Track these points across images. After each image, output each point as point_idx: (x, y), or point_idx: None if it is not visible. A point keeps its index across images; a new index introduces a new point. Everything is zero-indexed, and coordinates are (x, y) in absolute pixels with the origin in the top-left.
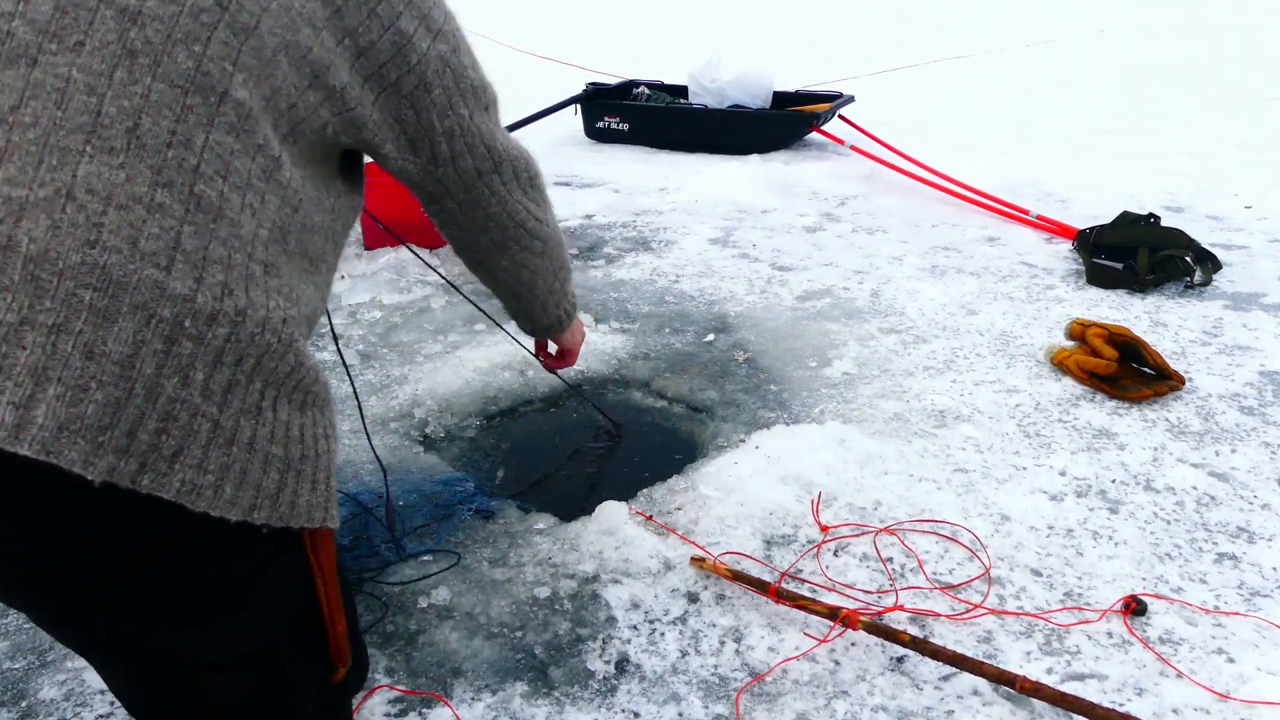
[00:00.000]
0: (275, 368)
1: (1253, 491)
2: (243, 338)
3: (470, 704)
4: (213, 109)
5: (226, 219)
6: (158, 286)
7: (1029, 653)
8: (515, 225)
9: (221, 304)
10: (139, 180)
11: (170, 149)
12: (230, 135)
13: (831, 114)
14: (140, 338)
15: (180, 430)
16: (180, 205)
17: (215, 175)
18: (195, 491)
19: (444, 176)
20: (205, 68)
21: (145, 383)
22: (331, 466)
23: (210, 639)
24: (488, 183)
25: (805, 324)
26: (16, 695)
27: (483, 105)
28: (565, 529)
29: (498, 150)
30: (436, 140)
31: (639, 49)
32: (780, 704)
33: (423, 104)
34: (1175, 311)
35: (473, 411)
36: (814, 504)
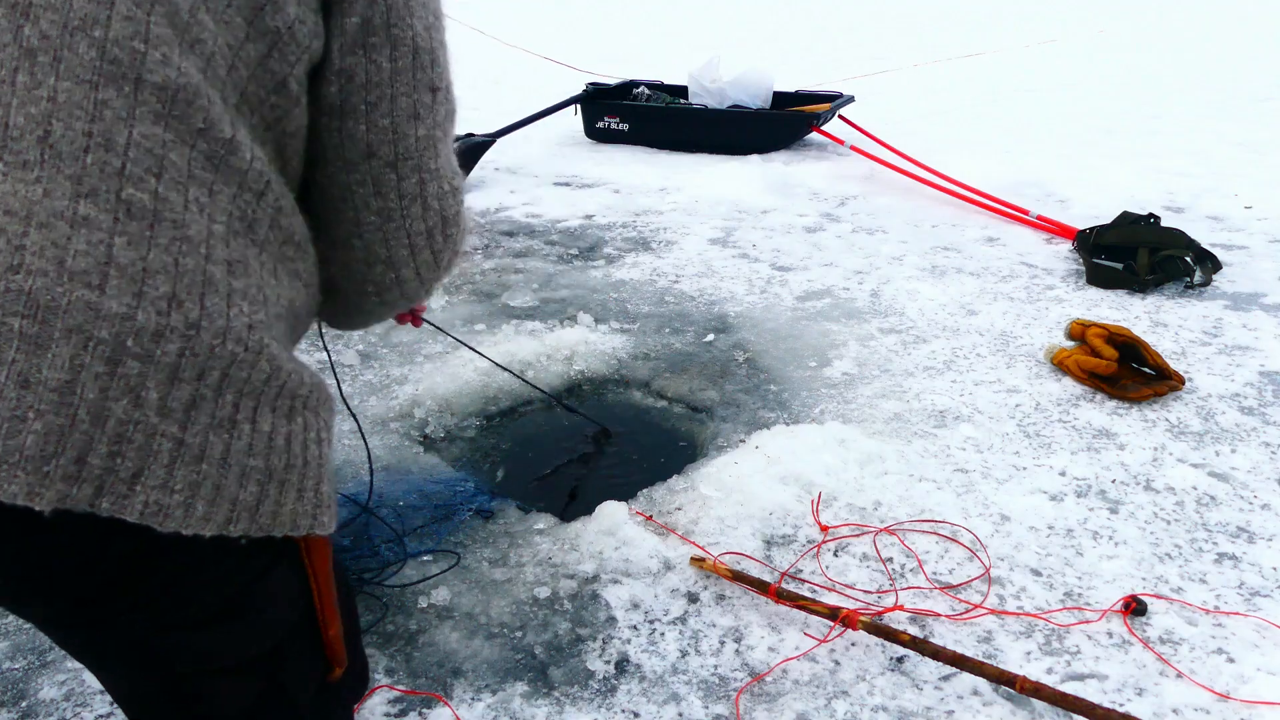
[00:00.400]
0: (248, 377)
1: (1253, 491)
2: (199, 351)
3: (470, 704)
4: (130, 99)
5: (167, 222)
6: (90, 308)
7: (1029, 653)
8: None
9: (168, 319)
10: (58, 194)
11: (88, 154)
12: (159, 125)
13: (831, 114)
14: (78, 362)
15: (137, 451)
16: (108, 215)
17: (146, 175)
18: (162, 512)
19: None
20: (111, 54)
21: (89, 407)
22: (324, 472)
23: (211, 646)
24: (377, 174)
25: (805, 324)
26: (16, 695)
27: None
28: (565, 529)
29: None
30: (329, 78)
31: (639, 49)
32: (780, 704)
33: (333, 25)
34: (1175, 311)
35: (473, 411)
36: (814, 504)
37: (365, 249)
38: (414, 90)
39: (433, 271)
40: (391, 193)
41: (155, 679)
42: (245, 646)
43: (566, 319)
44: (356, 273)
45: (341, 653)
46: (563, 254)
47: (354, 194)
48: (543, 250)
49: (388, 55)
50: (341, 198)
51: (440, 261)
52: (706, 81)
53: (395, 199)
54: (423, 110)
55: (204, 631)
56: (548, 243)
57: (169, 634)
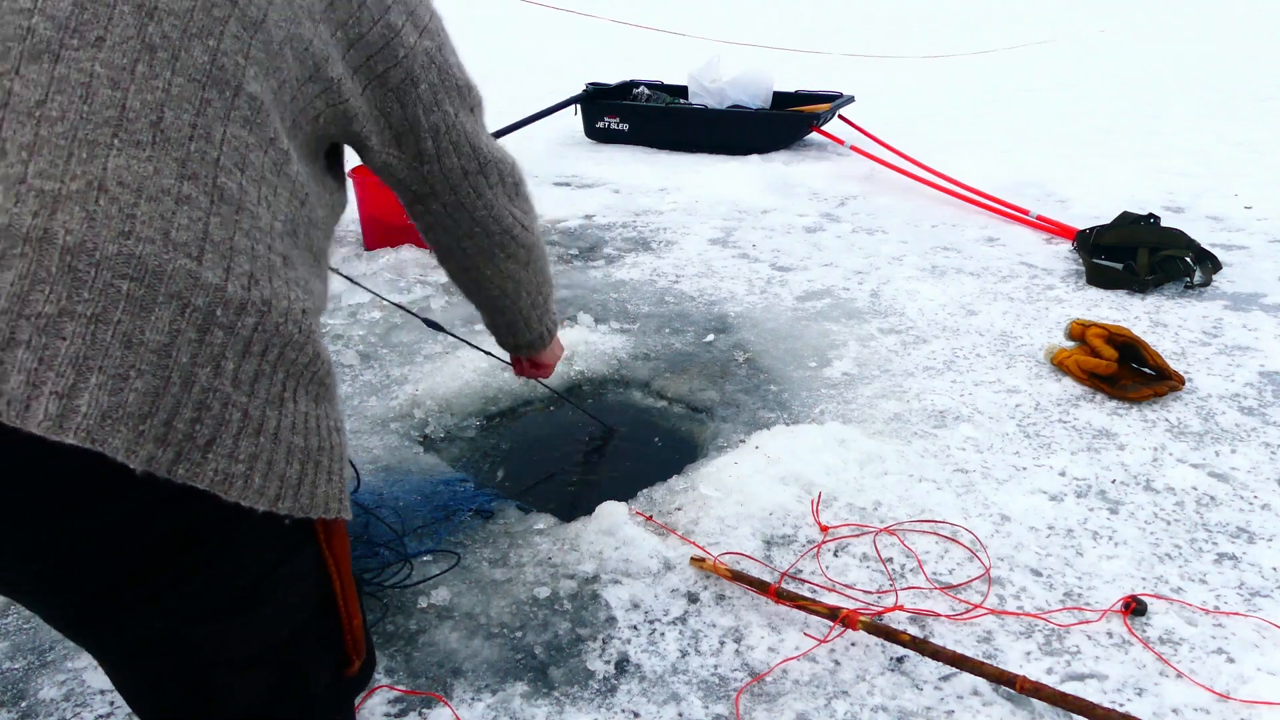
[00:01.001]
0: (296, 359)
1: (1253, 491)
2: (268, 328)
3: (470, 704)
4: (229, 102)
5: (247, 210)
6: (191, 276)
7: (1029, 653)
8: (501, 231)
9: (249, 294)
10: (166, 172)
11: (193, 141)
12: (245, 129)
13: (831, 114)
14: (176, 327)
15: (213, 419)
16: (206, 197)
17: (234, 167)
18: (228, 480)
19: (429, 174)
20: (220, 62)
21: (181, 371)
22: (343, 459)
23: (231, 634)
24: (474, 184)
25: (805, 324)
26: (16, 695)
27: (468, 105)
28: (565, 529)
29: (483, 151)
30: (422, 136)
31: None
32: (780, 704)
33: (409, 98)
34: (1175, 312)
35: (473, 411)
36: (814, 504)
37: (484, 232)
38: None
39: (526, 218)
40: (486, 190)
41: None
42: (263, 636)
43: (566, 319)
44: (485, 247)
45: (364, 644)
46: (563, 254)
47: (463, 204)
48: None
49: (450, 102)
50: (458, 208)
51: (527, 209)
52: (706, 81)
53: (489, 192)
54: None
55: (223, 620)
56: (548, 243)
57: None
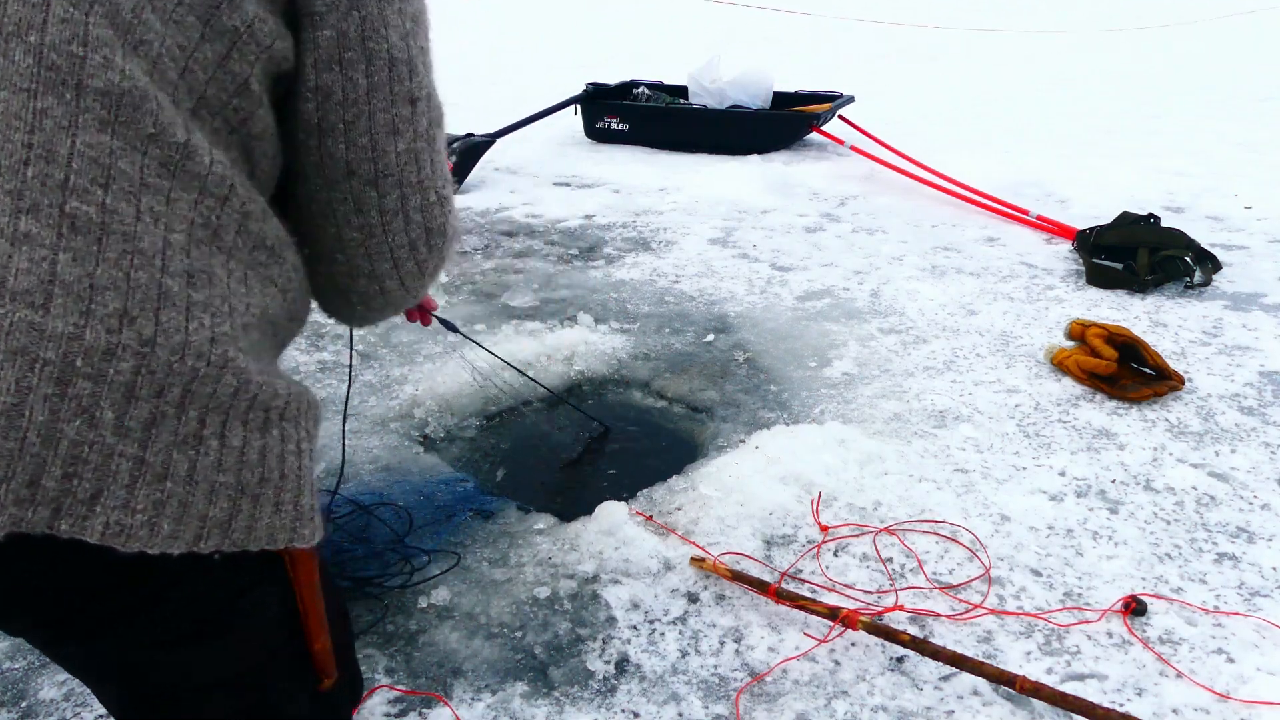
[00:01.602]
0: (213, 392)
1: (1253, 491)
2: (156, 368)
3: (470, 704)
4: (71, 106)
5: (116, 235)
6: (34, 328)
7: (1029, 653)
8: (371, 276)
9: (119, 336)
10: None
11: (29, 166)
12: (104, 133)
13: (831, 114)
14: (24, 384)
15: (94, 472)
16: (50, 231)
17: (91, 186)
18: (125, 532)
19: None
20: (48, 59)
21: (39, 429)
22: (304, 484)
23: (193, 663)
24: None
25: (805, 324)
26: (16, 695)
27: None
28: (565, 529)
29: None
30: (305, 94)
31: (639, 49)
32: (780, 704)
33: (305, 39)
34: (1175, 312)
35: (473, 411)
36: (814, 504)
37: (348, 262)
38: (392, 105)
39: (417, 281)
40: (373, 209)
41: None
42: (228, 664)
43: (566, 319)
44: (341, 284)
45: (330, 665)
46: (563, 254)
47: (335, 211)
48: (543, 250)
49: (363, 71)
50: (323, 214)
51: (425, 270)
52: (706, 81)
53: (376, 215)
54: (402, 124)
55: (185, 649)
56: (548, 243)
57: (150, 651)
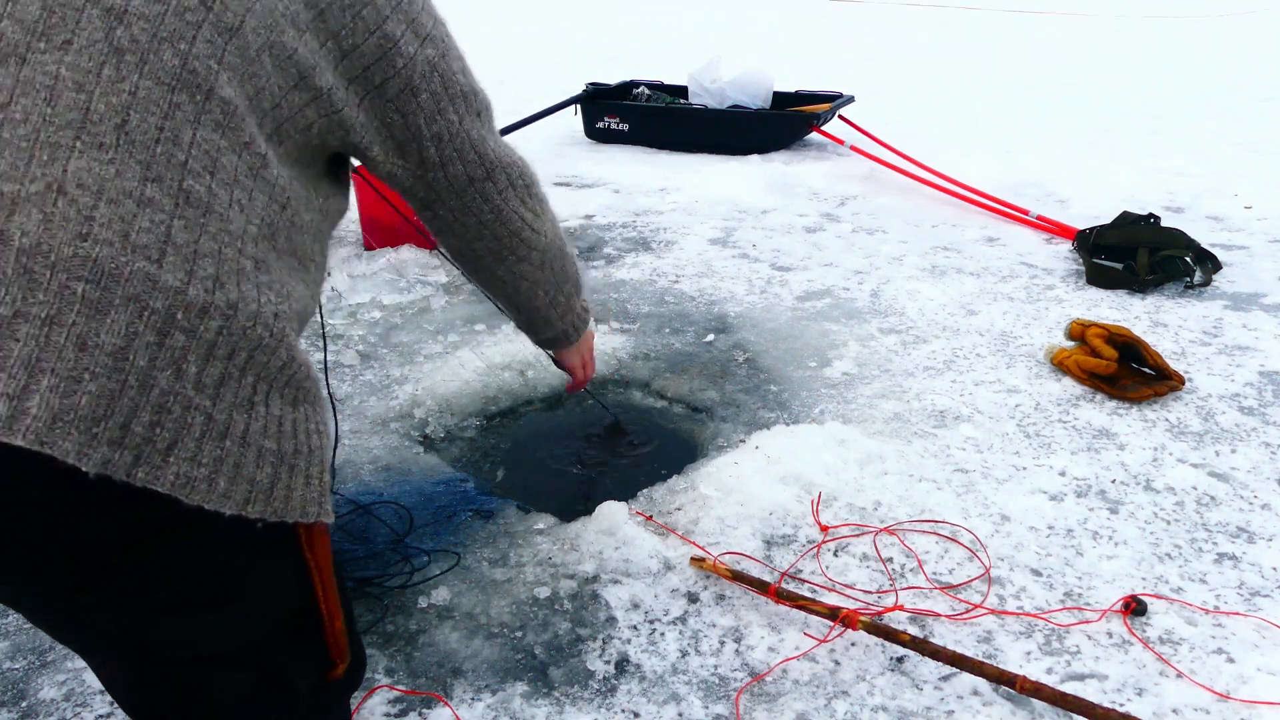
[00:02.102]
0: (267, 362)
1: (1253, 491)
2: (235, 331)
3: (470, 704)
4: (199, 106)
5: (215, 214)
6: (149, 279)
7: (1029, 653)
8: (510, 234)
9: (213, 297)
10: (129, 175)
11: (159, 145)
12: (216, 132)
13: (831, 114)
14: (133, 330)
15: (174, 423)
16: (170, 200)
17: (203, 171)
18: (190, 485)
19: (434, 182)
20: (191, 65)
21: (139, 375)
22: (324, 462)
23: (206, 630)
24: (480, 190)
25: (805, 324)
26: (16, 695)
27: (474, 111)
28: (565, 529)
29: (489, 157)
30: (425, 145)
31: (639, 49)
32: (780, 704)
33: (409, 108)
34: (1175, 311)
35: (473, 411)
36: (814, 504)
37: (493, 235)
38: (475, 121)
39: (538, 219)
40: (494, 194)
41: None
42: (235, 633)
43: None
44: (495, 249)
45: (345, 646)
46: None
47: (470, 209)
48: None
49: (454, 109)
50: (464, 212)
51: (538, 210)
52: (706, 81)
53: (497, 197)
54: (483, 130)
55: (194, 616)
56: None
57: (160, 618)
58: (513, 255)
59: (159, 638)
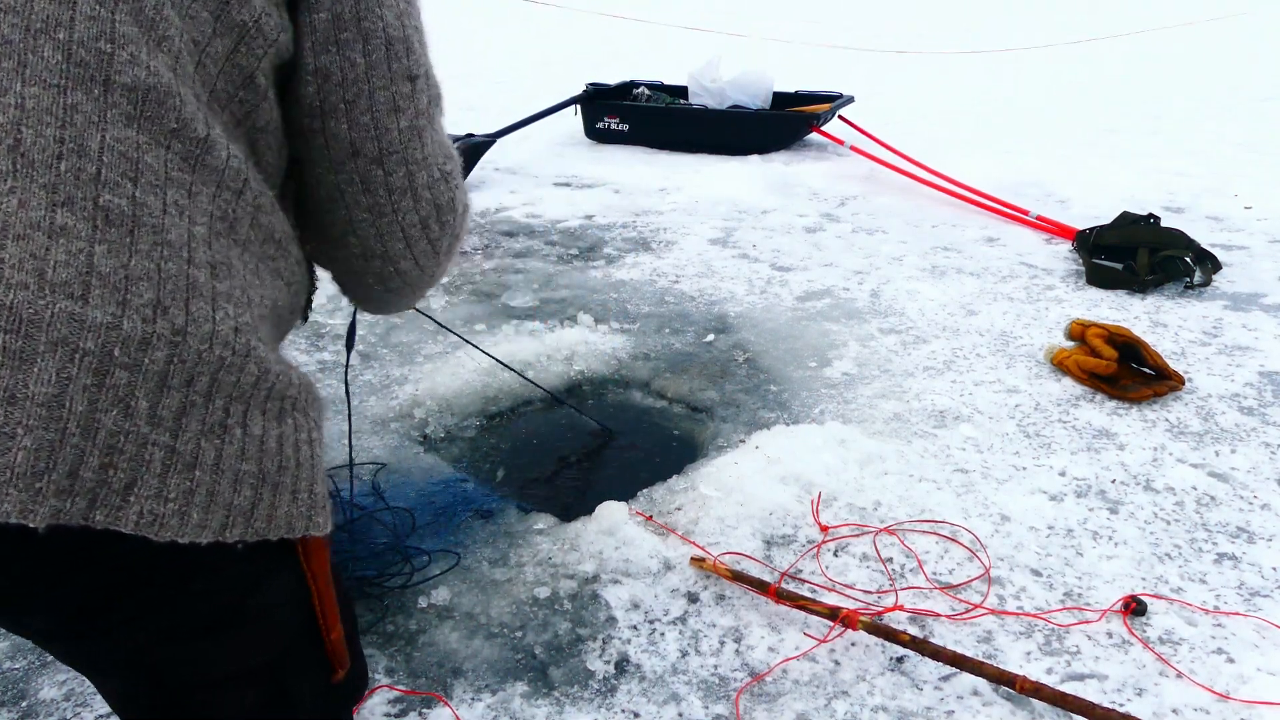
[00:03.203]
0: (236, 381)
1: (1253, 491)
2: (187, 358)
3: (470, 704)
4: (100, 102)
5: (146, 227)
6: (74, 319)
7: (1029, 653)
8: (384, 256)
9: (154, 326)
10: (33, 204)
11: (62, 160)
12: (131, 128)
13: (831, 114)
14: (65, 375)
15: (129, 462)
16: (86, 223)
17: (122, 179)
18: (157, 521)
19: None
20: (77, 56)
21: (79, 420)
22: (316, 473)
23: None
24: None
25: (805, 324)
26: (16, 695)
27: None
28: (565, 529)
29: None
30: (304, 78)
31: (639, 49)
32: (780, 704)
33: (301, 22)
34: (1175, 312)
35: (473, 411)
36: (814, 504)
37: (361, 245)
38: (391, 83)
39: (432, 260)
40: (380, 188)
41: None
42: (246, 655)
43: (566, 319)
44: (356, 267)
45: (344, 655)
46: (563, 254)
47: (343, 193)
48: (543, 250)
49: (360, 50)
50: (331, 197)
51: (439, 249)
52: (706, 81)
53: (384, 194)
54: (403, 101)
55: (204, 641)
56: (548, 243)
57: (169, 644)
58: (380, 285)
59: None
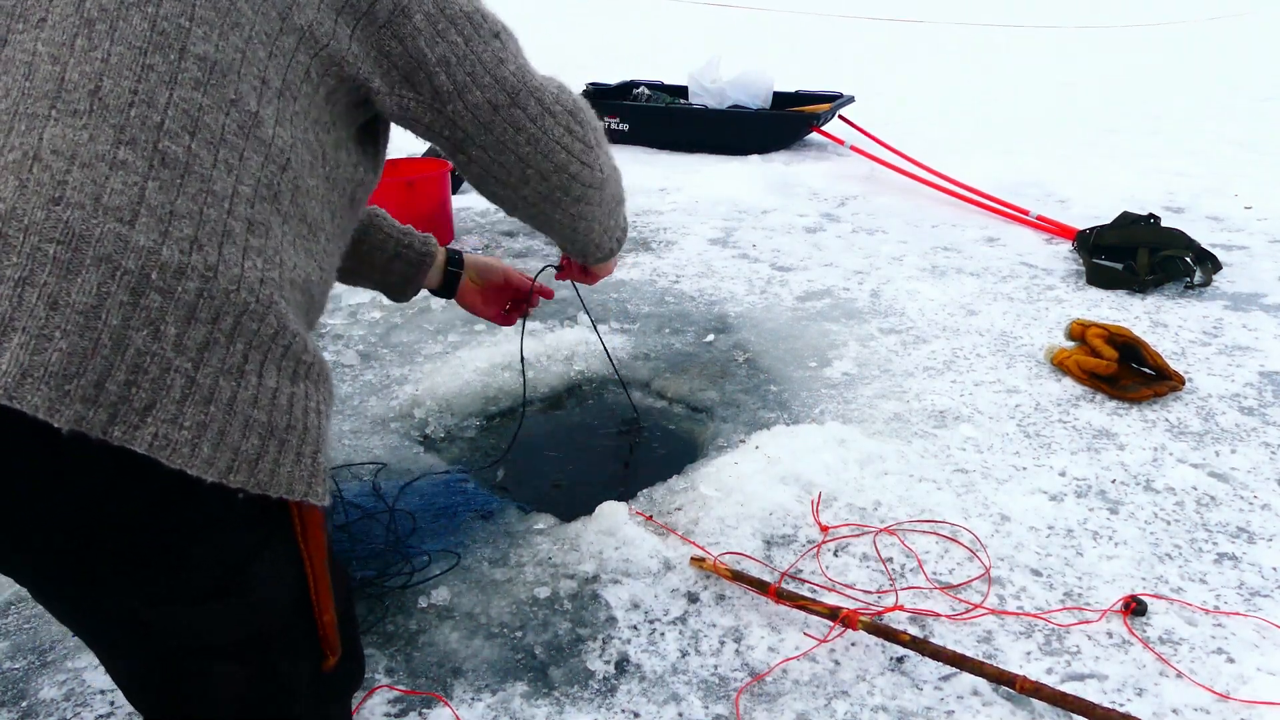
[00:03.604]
0: (257, 330)
1: (1253, 491)
2: (215, 294)
3: (470, 704)
4: (174, 66)
5: (195, 174)
6: (120, 239)
7: (1029, 653)
8: (557, 170)
9: (189, 258)
10: (102, 139)
11: (133, 108)
12: (197, 91)
13: (831, 114)
14: (105, 289)
15: (151, 383)
16: (144, 162)
17: (181, 131)
18: (169, 446)
19: (456, 115)
20: (160, 27)
21: (112, 333)
22: (321, 442)
23: (203, 622)
24: (509, 117)
25: (805, 324)
26: (16, 695)
27: (485, 33)
28: (565, 529)
29: (510, 80)
30: (433, 71)
31: (639, 49)
32: (780, 704)
33: (405, 32)
34: (1175, 312)
35: (473, 411)
36: (814, 504)
37: (538, 171)
38: (488, 44)
39: (590, 153)
40: (526, 122)
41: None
42: (237, 625)
43: (566, 319)
44: (547, 191)
45: (335, 640)
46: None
47: (503, 144)
48: (543, 250)
49: (457, 31)
50: (499, 149)
51: (590, 141)
52: (706, 82)
53: (531, 124)
54: (502, 53)
55: (196, 607)
56: (548, 243)
57: (161, 607)
58: (567, 197)
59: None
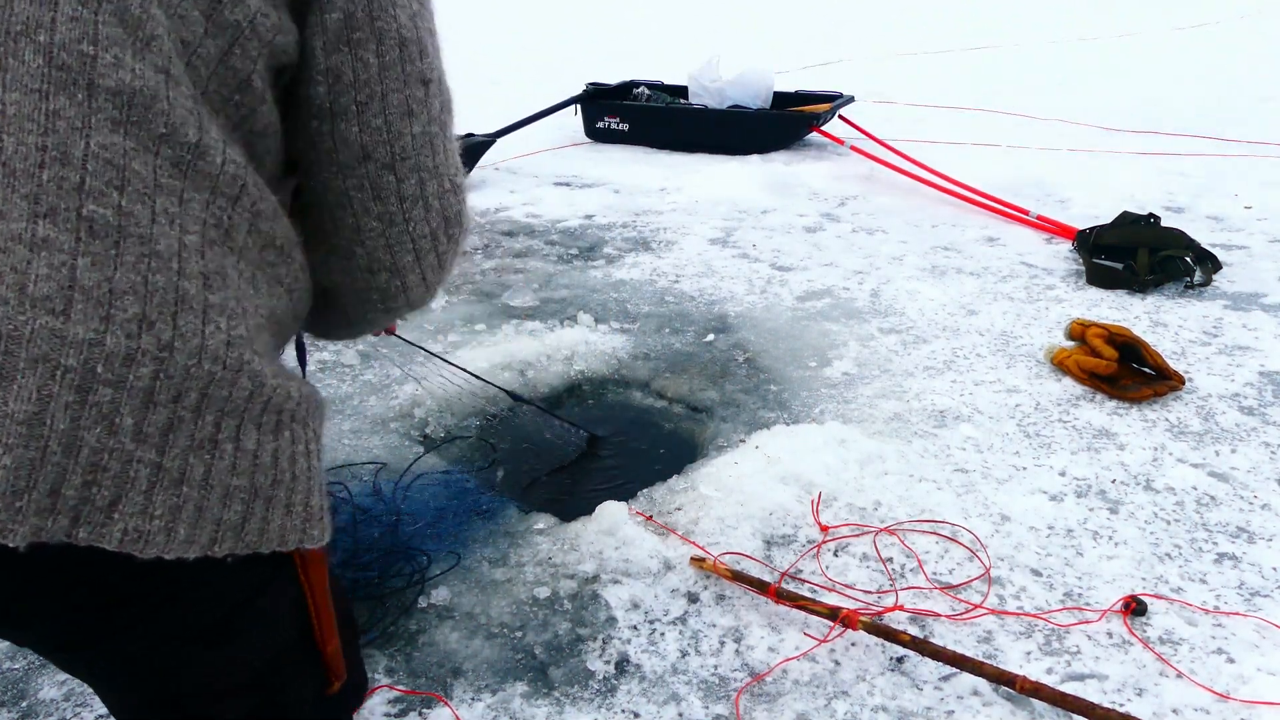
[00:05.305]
0: (228, 395)
1: (1253, 491)
2: (174, 373)
3: (470, 704)
4: (84, 107)
5: (132, 238)
6: (55, 335)
7: (1029, 653)
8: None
9: (137, 342)
10: (14, 215)
11: (44, 169)
12: (117, 133)
13: (831, 114)
14: (45, 392)
15: (113, 479)
16: (69, 235)
17: (107, 188)
18: (142, 539)
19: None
20: (59, 59)
21: (60, 438)
22: (313, 484)
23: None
24: (376, 179)
25: (805, 324)
26: (16, 695)
27: (415, 74)
28: (565, 529)
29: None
30: (314, 77)
31: (639, 49)
32: (780, 704)
33: (313, 19)
34: (1175, 311)
35: (473, 411)
36: (814, 504)
37: (368, 256)
38: (405, 85)
39: (438, 274)
40: (391, 196)
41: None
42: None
43: (566, 319)
44: (360, 280)
45: (340, 667)
46: (563, 254)
47: (352, 200)
48: (543, 250)
49: (374, 50)
50: (339, 204)
51: (445, 264)
52: (706, 81)
53: (396, 202)
54: (416, 105)
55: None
56: (548, 243)
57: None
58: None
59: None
